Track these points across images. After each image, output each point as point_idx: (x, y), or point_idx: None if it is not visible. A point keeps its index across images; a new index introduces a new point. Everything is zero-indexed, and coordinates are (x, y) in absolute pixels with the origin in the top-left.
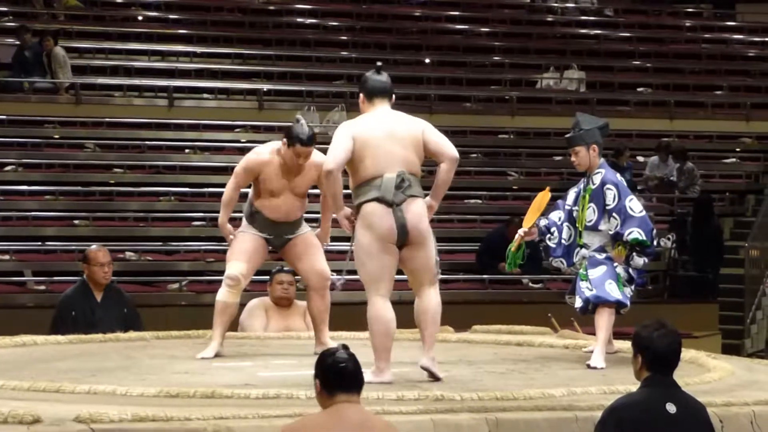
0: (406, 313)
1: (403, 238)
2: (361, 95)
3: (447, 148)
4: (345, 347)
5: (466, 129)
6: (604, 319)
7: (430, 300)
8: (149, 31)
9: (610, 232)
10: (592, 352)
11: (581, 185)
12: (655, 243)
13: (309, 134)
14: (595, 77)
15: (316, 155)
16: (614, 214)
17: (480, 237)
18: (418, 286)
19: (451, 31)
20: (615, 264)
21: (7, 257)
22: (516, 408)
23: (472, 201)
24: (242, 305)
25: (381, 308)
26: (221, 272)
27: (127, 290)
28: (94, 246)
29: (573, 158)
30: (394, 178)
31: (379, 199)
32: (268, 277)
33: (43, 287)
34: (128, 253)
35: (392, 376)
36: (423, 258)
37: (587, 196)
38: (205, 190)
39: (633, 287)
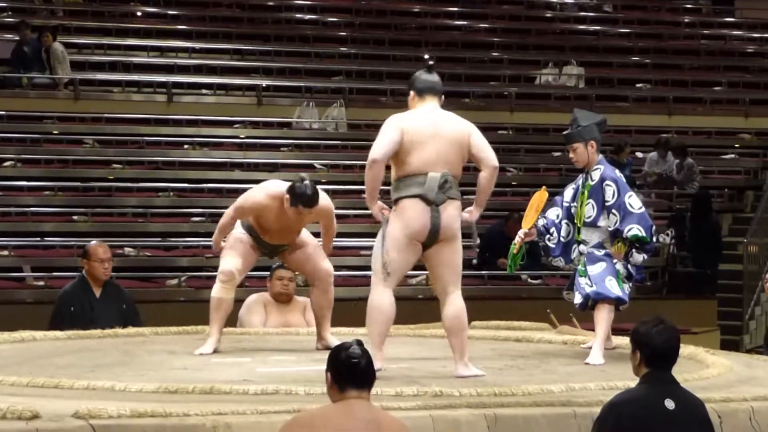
0: (402, 308)
1: (434, 237)
2: (411, 93)
3: (489, 155)
4: (359, 343)
5: None
6: (603, 316)
7: (456, 306)
8: (148, 26)
9: (610, 229)
10: (590, 348)
11: (579, 181)
12: (654, 240)
13: (312, 196)
14: (594, 73)
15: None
16: (613, 211)
17: (480, 233)
18: (442, 289)
19: (450, 27)
20: (614, 261)
21: (6, 253)
22: (514, 404)
23: (471, 196)
24: (241, 301)
25: (385, 297)
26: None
27: (125, 286)
28: (94, 242)
29: (571, 155)
30: (439, 177)
31: (421, 197)
32: (267, 273)
33: (42, 283)
34: (127, 249)
35: (382, 363)
36: (449, 254)
37: (586, 193)
38: (204, 185)
39: (631, 284)
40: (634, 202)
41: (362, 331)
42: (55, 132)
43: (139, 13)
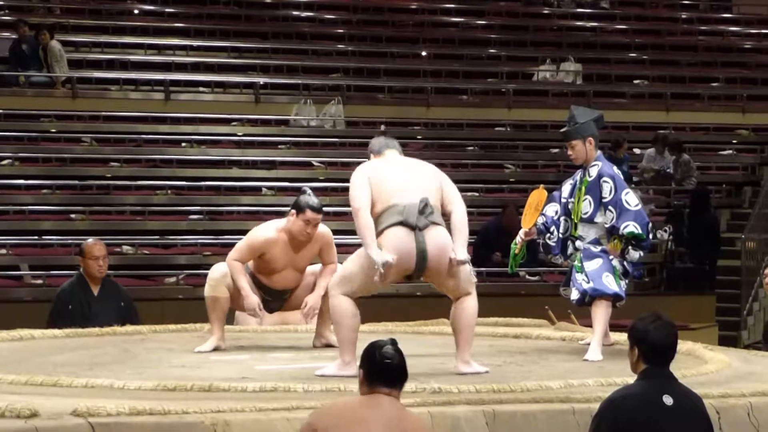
0: (401, 305)
1: (422, 264)
2: (371, 156)
3: (459, 198)
4: (393, 342)
5: (462, 122)
6: (601, 312)
7: (466, 305)
8: (145, 24)
9: (606, 225)
10: (589, 344)
11: (577, 177)
12: (650, 236)
13: (318, 203)
14: (592, 69)
15: (320, 227)
16: (610, 207)
17: (477, 229)
18: (455, 296)
19: (448, 24)
20: (611, 257)
21: (4, 251)
22: (513, 400)
23: (469, 194)
24: None
25: (348, 304)
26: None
27: (124, 284)
28: (90, 240)
29: (569, 152)
30: (417, 203)
31: (402, 223)
32: None
33: (40, 281)
34: (125, 247)
35: (356, 370)
36: (452, 285)
37: (583, 189)
38: (202, 183)
39: (627, 280)
40: (630, 199)
41: (365, 328)
42: (53, 130)
43: (136, 11)
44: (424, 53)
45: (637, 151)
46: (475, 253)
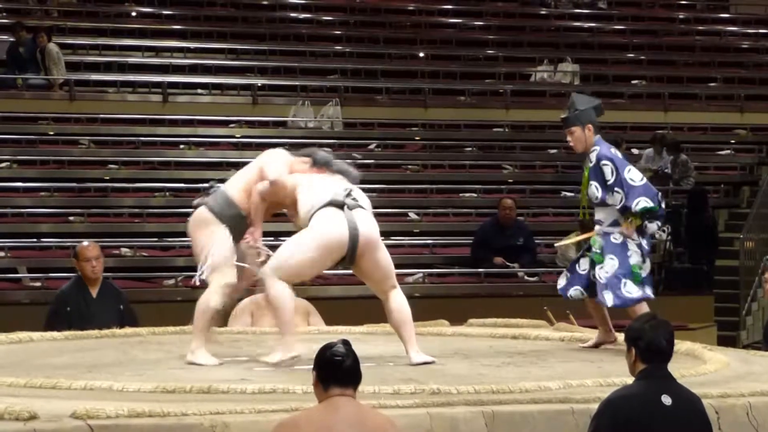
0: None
1: (355, 247)
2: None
3: None
4: (345, 342)
5: (460, 123)
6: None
7: (399, 301)
8: (143, 26)
9: (617, 207)
10: (590, 346)
11: (583, 166)
12: (662, 205)
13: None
14: (589, 70)
15: None
16: (616, 189)
17: (474, 230)
18: (382, 291)
19: (445, 25)
20: (628, 251)
21: (2, 254)
22: (512, 401)
23: (467, 195)
24: None
25: (288, 290)
26: None
27: (122, 286)
28: (84, 242)
29: (568, 138)
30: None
31: (332, 203)
32: None
33: (38, 284)
34: (123, 249)
35: (302, 349)
36: (380, 276)
37: (586, 174)
38: (200, 185)
39: (647, 260)
40: (634, 175)
41: (363, 329)
42: (51, 133)
43: (133, 14)
44: (421, 54)
45: (635, 151)
46: (473, 253)
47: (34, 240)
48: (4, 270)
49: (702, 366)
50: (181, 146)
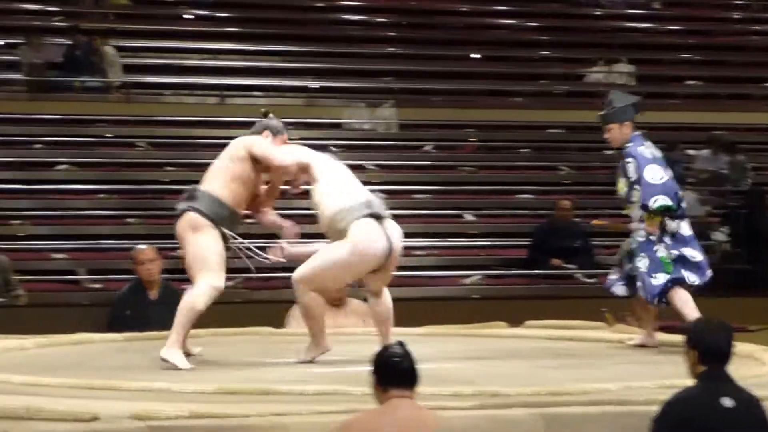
0: (456, 308)
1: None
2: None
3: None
4: (401, 344)
5: (514, 124)
6: (677, 302)
7: (387, 297)
8: (198, 29)
9: (639, 204)
10: (638, 345)
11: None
12: (683, 205)
13: None
14: (644, 70)
15: None
16: (636, 186)
17: (531, 232)
18: (377, 288)
19: (498, 26)
20: (654, 249)
21: (61, 256)
22: (571, 402)
23: (523, 196)
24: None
25: (320, 300)
26: (276, 269)
27: (180, 288)
28: (140, 245)
29: (606, 135)
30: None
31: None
32: None
33: (97, 285)
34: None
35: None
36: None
37: (619, 170)
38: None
39: (695, 251)
40: (654, 174)
41: (422, 331)
42: (108, 135)
43: (189, 16)
44: (474, 55)
45: (691, 152)
46: (530, 255)
47: (93, 242)
48: (63, 272)
49: (762, 368)
50: None
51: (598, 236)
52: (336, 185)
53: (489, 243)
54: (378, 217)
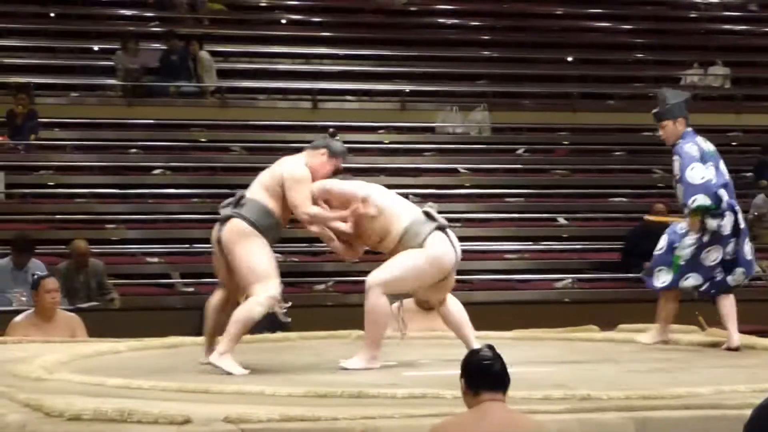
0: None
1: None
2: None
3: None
4: (490, 347)
5: (609, 126)
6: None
7: (458, 304)
8: (292, 34)
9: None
10: (731, 348)
11: None
12: (723, 202)
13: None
14: (740, 73)
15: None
16: (679, 185)
17: (624, 235)
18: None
19: (593, 29)
20: (685, 243)
21: (155, 260)
22: (663, 407)
23: (617, 199)
24: None
25: (388, 306)
26: (366, 272)
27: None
28: None
29: (660, 132)
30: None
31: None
32: None
33: (191, 289)
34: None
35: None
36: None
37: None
38: None
39: (720, 256)
40: (696, 173)
41: (512, 335)
42: (203, 140)
43: (283, 21)
44: (569, 59)
45: None
46: (623, 258)
47: (187, 246)
48: (157, 275)
49: None
50: None
51: None
52: (396, 205)
53: (581, 246)
54: (443, 228)
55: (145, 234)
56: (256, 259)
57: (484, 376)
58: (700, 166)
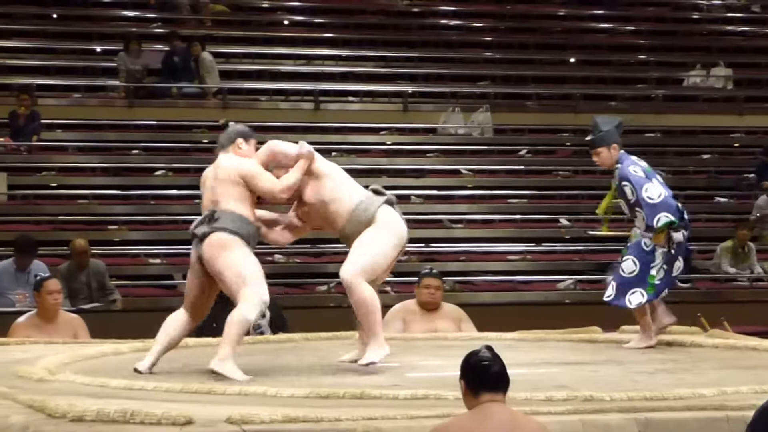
0: (550, 313)
1: None
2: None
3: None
4: (489, 348)
5: None
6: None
7: None
8: (294, 35)
9: (646, 223)
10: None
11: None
12: (685, 216)
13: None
14: (743, 74)
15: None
16: (637, 209)
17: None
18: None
19: (595, 30)
20: (653, 263)
21: (157, 261)
22: (666, 408)
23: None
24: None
25: (374, 291)
26: None
27: (275, 292)
28: None
29: (595, 158)
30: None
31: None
32: (415, 279)
33: None
34: (277, 256)
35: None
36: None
37: (613, 191)
38: None
39: (682, 264)
40: (652, 193)
41: (515, 336)
42: (205, 141)
43: (285, 22)
44: (571, 60)
45: None
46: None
47: (189, 247)
48: (159, 276)
49: None
50: (333, 153)
51: (694, 241)
52: (344, 180)
53: (584, 247)
54: (391, 203)
55: (147, 235)
56: (242, 265)
57: (483, 377)
58: (650, 184)
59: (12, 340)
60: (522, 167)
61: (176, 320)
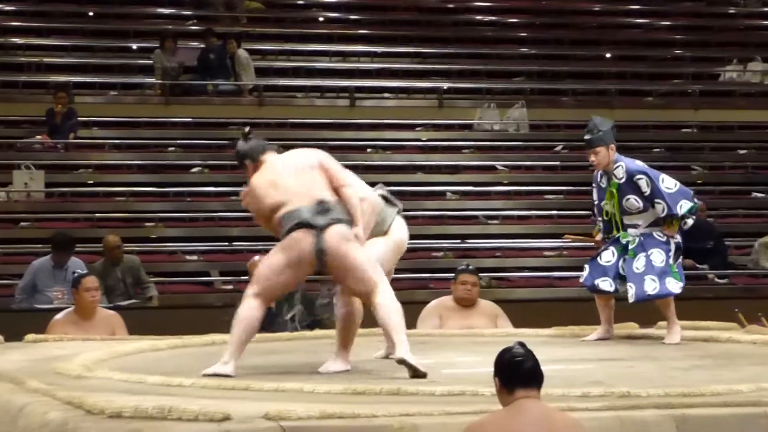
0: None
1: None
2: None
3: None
4: (521, 344)
5: (647, 123)
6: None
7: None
8: (330, 32)
9: (662, 215)
10: (600, 339)
11: (600, 181)
12: (696, 201)
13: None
14: None
15: None
16: (656, 200)
17: None
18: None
19: (631, 26)
20: (670, 252)
21: (194, 258)
22: (703, 404)
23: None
24: (419, 303)
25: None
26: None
27: (310, 290)
28: (255, 257)
29: (592, 158)
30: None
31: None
32: (452, 275)
33: (230, 287)
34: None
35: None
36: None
37: (614, 189)
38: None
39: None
40: (668, 183)
41: (551, 332)
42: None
43: (320, 19)
44: (607, 55)
45: None
46: None
47: (226, 244)
48: (196, 273)
49: None
50: (368, 150)
51: (731, 237)
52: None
53: None
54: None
55: (184, 232)
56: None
57: (516, 373)
58: (664, 175)
59: (50, 337)
60: (558, 163)
61: (256, 319)
